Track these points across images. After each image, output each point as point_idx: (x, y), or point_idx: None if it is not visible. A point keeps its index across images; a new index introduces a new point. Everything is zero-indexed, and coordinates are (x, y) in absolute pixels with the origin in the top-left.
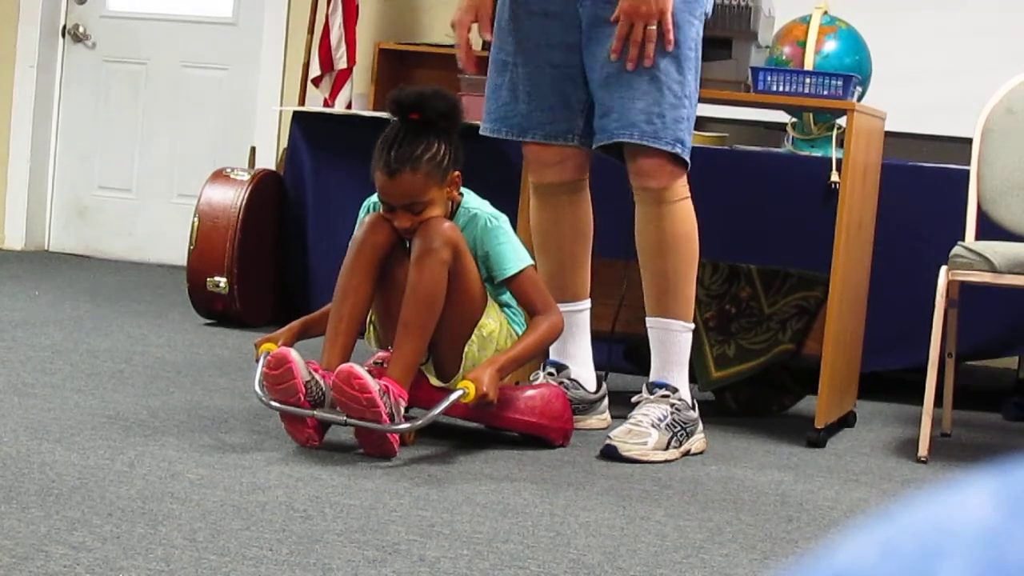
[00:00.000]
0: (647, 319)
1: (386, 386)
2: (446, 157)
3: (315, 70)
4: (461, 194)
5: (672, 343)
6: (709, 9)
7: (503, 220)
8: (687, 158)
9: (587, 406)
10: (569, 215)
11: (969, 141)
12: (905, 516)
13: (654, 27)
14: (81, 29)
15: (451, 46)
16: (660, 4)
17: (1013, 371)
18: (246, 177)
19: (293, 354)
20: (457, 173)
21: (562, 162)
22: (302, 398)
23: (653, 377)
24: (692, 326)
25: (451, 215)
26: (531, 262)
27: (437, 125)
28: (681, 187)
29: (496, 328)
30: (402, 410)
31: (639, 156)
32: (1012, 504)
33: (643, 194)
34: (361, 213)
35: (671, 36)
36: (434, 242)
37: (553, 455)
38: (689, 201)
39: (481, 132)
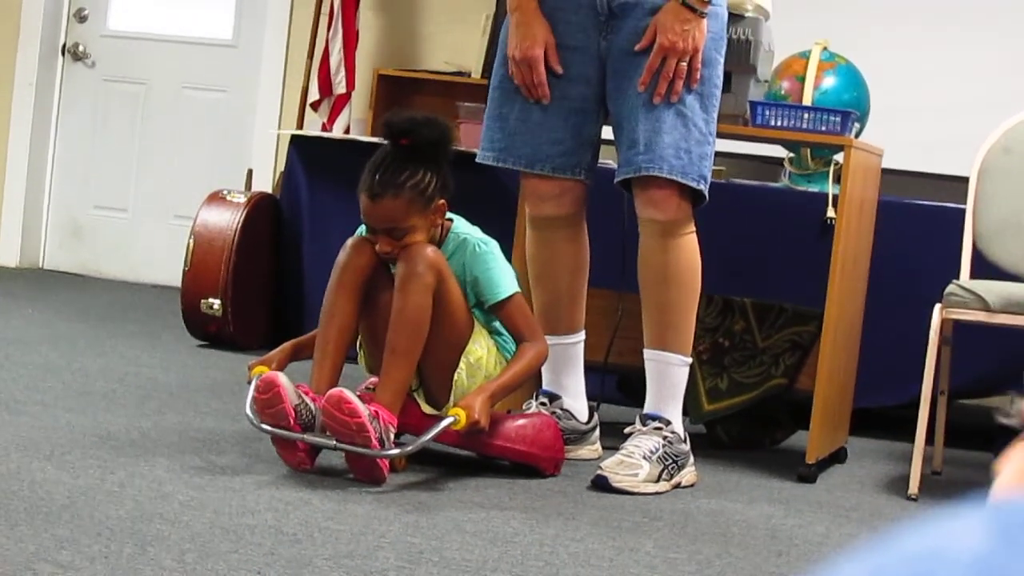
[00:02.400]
0: (645, 350)
1: (376, 411)
2: (431, 185)
3: (314, 94)
4: (451, 220)
5: (669, 376)
6: None
7: (493, 245)
8: (706, 194)
9: (578, 436)
10: (566, 248)
11: (966, 179)
12: (897, 544)
13: (685, 64)
14: (81, 48)
15: (450, 73)
16: (696, 42)
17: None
18: (242, 199)
19: (281, 378)
20: (443, 202)
21: (560, 195)
22: (292, 422)
23: (647, 409)
24: (690, 360)
25: (440, 241)
26: (519, 288)
27: (426, 152)
28: (688, 221)
29: (484, 354)
30: (392, 435)
31: (650, 187)
32: (1004, 532)
33: (650, 225)
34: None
35: (698, 75)
36: (418, 266)
37: (544, 484)
38: (695, 235)
39: (481, 160)
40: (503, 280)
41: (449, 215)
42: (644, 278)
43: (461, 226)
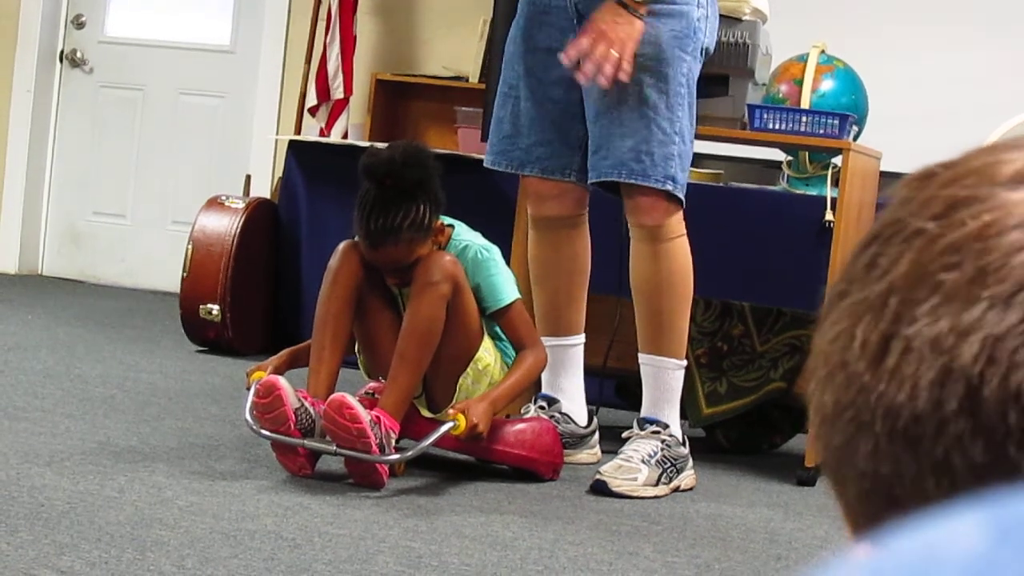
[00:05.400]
0: (640, 355)
1: (377, 417)
2: (427, 215)
3: (312, 100)
4: (451, 226)
5: (664, 380)
6: (712, 45)
7: (495, 252)
8: (680, 195)
9: (577, 440)
10: (567, 249)
11: None
12: (893, 544)
13: (616, 55)
14: (79, 54)
15: (447, 78)
16: (626, 37)
17: None
18: (241, 205)
19: (282, 381)
20: (439, 222)
21: (561, 196)
22: (292, 426)
23: (644, 413)
24: (684, 363)
25: (442, 248)
26: (519, 295)
27: (413, 189)
28: (677, 224)
29: (491, 361)
30: (393, 441)
31: (635, 193)
32: (1000, 531)
33: (639, 231)
34: None
35: (628, 67)
36: (434, 276)
37: (542, 489)
38: (685, 239)
39: (485, 164)
40: (505, 287)
41: (450, 221)
42: (636, 283)
43: (463, 233)
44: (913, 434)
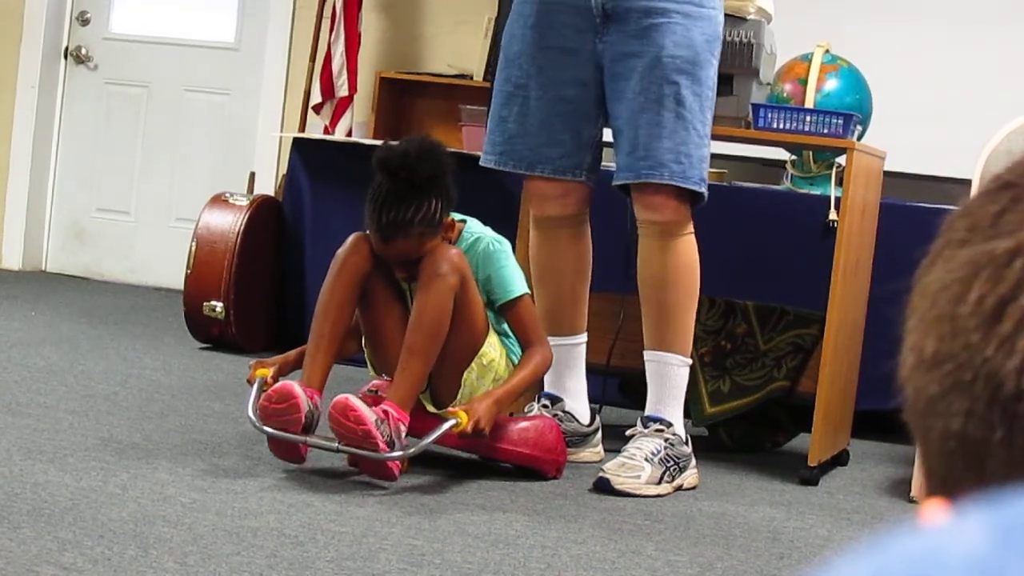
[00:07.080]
0: (645, 352)
1: (385, 411)
2: (438, 211)
3: (316, 97)
4: (463, 221)
5: (669, 377)
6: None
7: (506, 245)
8: (705, 196)
9: (580, 439)
10: (569, 249)
11: (968, 182)
12: (896, 545)
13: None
14: (83, 51)
15: (452, 76)
16: None
17: None
18: (245, 202)
19: (297, 389)
20: (450, 219)
21: (564, 196)
22: (300, 429)
23: (648, 411)
24: (689, 361)
25: (453, 241)
26: (528, 290)
27: (426, 184)
28: (686, 221)
29: (496, 357)
30: (403, 434)
31: (649, 190)
32: (1002, 534)
33: (649, 227)
34: None
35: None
36: (441, 268)
37: (546, 487)
38: (693, 236)
39: (483, 163)
40: (515, 279)
41: (462, 217)
42: (643, 279)
43: (475, 226)
44: (1013, 410)
